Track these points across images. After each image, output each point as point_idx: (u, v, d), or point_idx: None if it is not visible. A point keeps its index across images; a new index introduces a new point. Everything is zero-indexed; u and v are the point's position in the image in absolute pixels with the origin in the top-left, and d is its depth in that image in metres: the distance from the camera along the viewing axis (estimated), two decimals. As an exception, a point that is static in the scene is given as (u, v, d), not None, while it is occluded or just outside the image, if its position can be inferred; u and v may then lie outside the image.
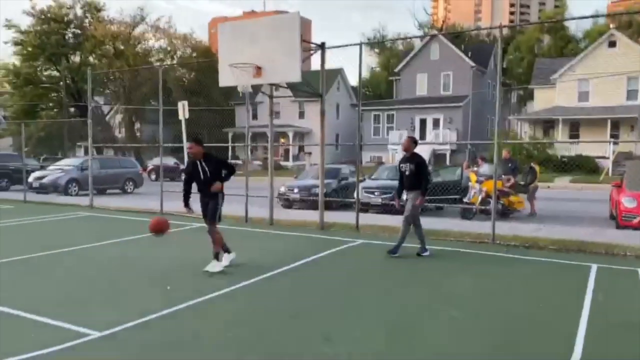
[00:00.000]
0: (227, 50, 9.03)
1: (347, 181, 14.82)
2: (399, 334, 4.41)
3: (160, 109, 12.31)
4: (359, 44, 9.41)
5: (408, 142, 7.67)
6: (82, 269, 6.83)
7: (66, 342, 4.12)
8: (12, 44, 38.84)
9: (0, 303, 5.09)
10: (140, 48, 41.30)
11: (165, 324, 4.62)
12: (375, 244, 8.59)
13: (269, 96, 10.33)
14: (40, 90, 39.48)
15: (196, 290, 5.62)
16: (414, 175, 7.36)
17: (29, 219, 11.59)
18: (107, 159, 23.30)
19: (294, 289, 5.86)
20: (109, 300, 5.36)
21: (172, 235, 9.54)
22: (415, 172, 7.36)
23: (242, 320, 4.71)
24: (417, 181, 7.36)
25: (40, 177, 19.36)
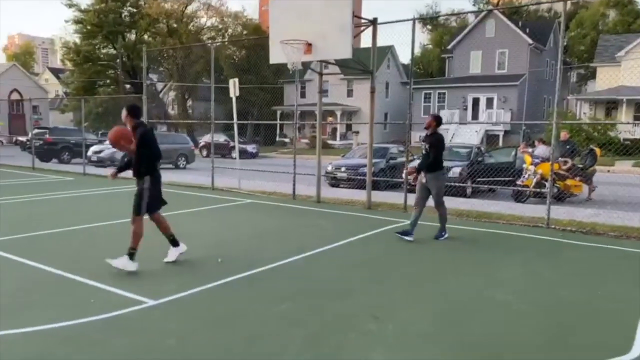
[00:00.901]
0: (277, 27, 8.99)
1: (396, 161, 14.63)
2: (447, 316, 4.33)
3: (212, 87, 12.48)
4: (412, 20, 9.14)
5: (430, 120, 7.15)
6: (137, 239, 7.09)
7: (123, 308, 4.30)
8: (73, 22, 40.36)
9: (65, 269, 5.36)
10: (193, 26, 41.92)
11: (213, 297, 4.74)
12: (424, 225, 8.42)
13: (318, 73, 10.26)
14: (98, 67, 40.96)
15: (245, 264, 5.73)
16: (428, 155, 7.05)
17: (88, 191, 12.15)
18: (161, 135, 23.96)
19: (340, 267, 5.86)
20: (163, 270, 5.55)
21: (224, 210, 9.77)
22: (429, 152, 7.04)
23: (288, 297, 4.76)
24: (432, 162, 7.01)
25: (98, 151, 20.23)
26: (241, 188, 12.41)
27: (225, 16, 41.89)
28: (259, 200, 11.02)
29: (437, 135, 7.11)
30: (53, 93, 62.34)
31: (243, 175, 13.22)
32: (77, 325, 3.95)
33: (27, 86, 53.73)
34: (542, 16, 49.05)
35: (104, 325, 3.99)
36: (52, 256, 5.94)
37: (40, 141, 22.40)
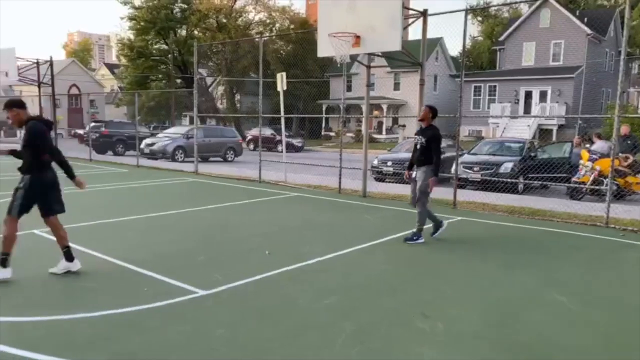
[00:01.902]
0: (326, 20, 8.96)
1: (445, 155, 14.30)
2: (498, 316, 4.20)
3: (260, 81, 12.62)
4: (464, 10, 8.89)
5: (425, 111, 6.68)
6: (187, 230, 7.28)
7: (175, 297, 4.42)
8: (127, 19, 41.78)
9: (119, 258, 5.57)
10: (241, 21, 42.50)
11: (262, 288, 4.79)
12: (474, 221, 8.26)
13: (366, 66, 10.16)
14: (150, 62, 42.26)
15: (292, 257, 5.77)
16: (425, 150, 6.55)
17: (141, 182, 12.58)
18: (211, 129, 24.53)
19: (387, 263, 5.80)
20: (212, 261, 5.66)
21: (271, 203, 9.88)
22: (425, 147, 6.55)
23: (335, 290, 4.75)
24: (426, 157, 6.55)
25: (150, 143, 20.90)
26: (287, 181, 12.52)
27: (273, 11, 42.25)
28: (305, 193, 11.08)
29: (435, 129, 6.64)
30: (109, 88, 64.86)
31: (289, 168, 13.33)
32: (133, 312, 4.09)
33: (85, 81, 56.17)
34: (601, 5, 46.67)
35: (158, 312, 4.11)
36: (108, 245, 6.18)
37: (97, 134, 23.40)
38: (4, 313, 3.97)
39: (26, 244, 6.19)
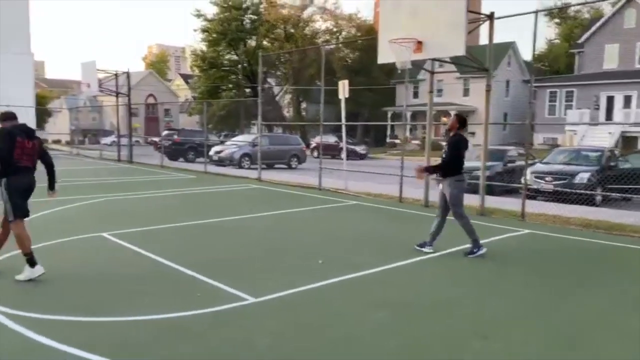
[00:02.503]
0: (387, 26, 8.80)
1: (514, 164, 13.67)
2: (566, 338, 3.85)
3: (322, 89, 12.64)
4: (534, 12, 8.41)
5: (453, 121, 6.37)
6: (245, 236, 7.36)
7: (225, 303, 4.44)
8: (200, 31, 43.66)
9: (177, 262, 5.70)
10: (308, 30, 43.11)
11: (312, 298, 4.71)
12: (543, 235, 7.74)
13: (430, 72, 9.88)
14: (221, 72, 43.86)
15: (346, 267, 5.65)
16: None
17: (207, 188, 12.95)
18: (275, 136, 24.96)
19: (444, 277, 5.54)
20: (265, 268, 5.66)
21: (328, 211, 9.81)
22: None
23: (387, 304, 4.58)
24: (449, 168, 6.20)
25: (219, 151, 21.58)
26: (347, 189, 12.41)
27: (339, 19, 42.52)
28: (364, 202, 10.92)
29: (457, 136, 6.25)
30: (183, 97, 68.02)
31: (350, 176, 13.22)
32: (185, 317, 4.14)
33: (161, 91, 59.32)
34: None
35: (207, 318, 4.13)
36: (168, 249, 6.35)
37: (170, 141, 24.50)
38: (61, 312, 4.15)
39: (92, 245, 6.51)
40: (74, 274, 5.29)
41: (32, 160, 5.13)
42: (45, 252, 6.11)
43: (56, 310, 4.18)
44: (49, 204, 9.40)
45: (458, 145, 6.20)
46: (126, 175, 15.79)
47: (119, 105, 22.04)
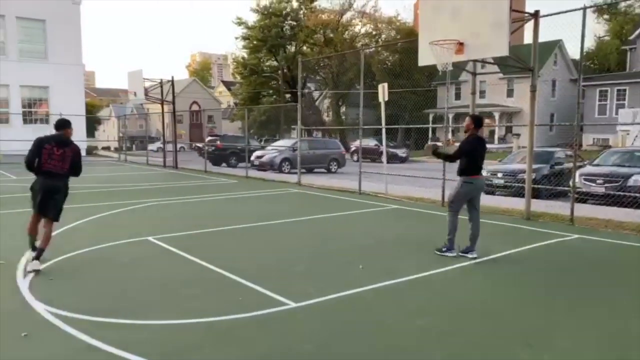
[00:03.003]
0: (427, 28, 8.69)
1: (562, 166, 13.19)
2: (619, 348, 3.67)
3: (361, 92, 12.61)
4: (582, 9, 8.10)
5: (468, 122, 6.35)
6: (286, 240, 7.41)
7: (266, 308, 4.47)
8: (242, 39, 44.48)
9: (220, 267, 5.80)
10: (348, 34, 43.17)
11: (353, 303, 4.68)
12: (594, 240, 7.42)
13: (472, 73, 9.69)
14: (262, 79, 44.53)
15: (386, 273, 5.59)
16: (461, 160, 6.28)
17: (248, 193, 13.14)
18: (315, 141, 25.07)
19: (488, 284, 5.39)
20: (305, 273, 5.67)
21: (367, 216, 9.75)
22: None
23: (428, 311, 4.49)
24: (462, 168, 6.22)
25: (260, 156, 21.84)
26: (388, 193, 12.30)
27: (379, 22, 42.37)
28: (404, 206, 10.79)
29: (470, 137, 6.24)
30: (225, 104, 69.41)
31: (391, 180, 13.10)
32: (227, 321, 4.21)
33: (204, 98, 60.71)
34: None
35: (250, 323, 4.18)
36: (210, 253, 6.47)
37: (213, 147, 25.02)
38: (113, 315, 4.29)
39: (140, 249, 6.71)
40: (123, 278, 5.47)
41: (58, 166, 5.80)
42: (94, 256, 6.36)
43: (106, 313, 4.32)
44: (98, 208, 9.78)
45: (467, 145, 6.21)
46: (171, 181, 16.22)
47: (164, 113, 22.70)
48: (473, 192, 6.31)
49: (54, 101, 27.65)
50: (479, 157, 6.24)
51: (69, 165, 5.86)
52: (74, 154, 5.92)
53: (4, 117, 26.52)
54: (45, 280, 5.29)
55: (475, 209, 6.36)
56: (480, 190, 6.42)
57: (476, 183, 6.29)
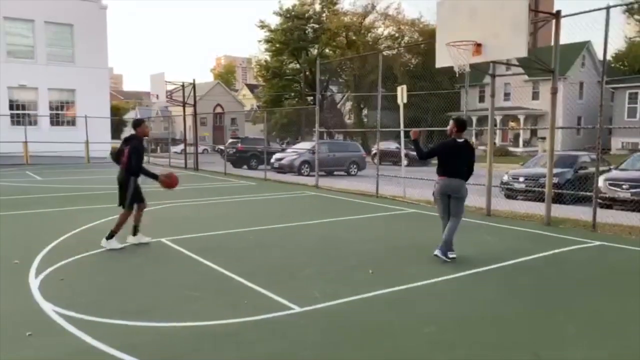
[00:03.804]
0: (445, 29, 8.55)
1: (586, 170, 12.83)
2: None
3: (379, 95, 12.51)
4: (606, 8, 7.84)
5: (451, 125, 6.31)
6: (297, 244, 7.36)
7: (270, 312, 4.42)
8: (264, 42, 44.74)
9: (228, 269, 5.78)
10: (370, 37, 43.00)
11: (359, 309, 4.59)
12: (616, 248, 7.16)
13: (491, 75, 9.49)
14: (284, 81, 44.69)
15: (397, 278, 5.48)
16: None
17: (265, 195, 13.15)
18: (335, 143, 24.99)
19: (502, 290, 5.23)
20: (314, 276, 5.60)
21: (384, 219, 9.63)
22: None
23: (437, 318, 4.37)
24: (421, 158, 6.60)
25: (280, 158, 21.90)
26: (405, 197, 12.14)
27: (402, 24, 42.08)
28: (423, 210, 10.62)
29: (447, 139, 6.31)
30: (249, 106, 69.94)
31: (410, 183, 12.94)
32: (229, 325, 4.17)
33: (228, 101, 61.25)
34: None
35: (252, 327, 4.13)
36: (220, 255, 6.46)
37: (234, 149, 25.19)
38: (118, 317, 4.30)
39: (151, 251, 6.74)
40: (131, 279, 5.50)
41: (124, 162, 6.72)
42: (106, 256, 6.42)
43: (112, 314, 4.34)
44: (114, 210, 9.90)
45: (437, 146, 6.44)
46: (190, 182, 16.36)
47: (186, 115, 22.95)
48: (440, 193, 6.34)
49: (80, 104, 28.28)
50: (447, 159, 6.23)
51: (127, 161, 6.67)
52: (129, 151, 6.65)
53: (33, 119, 27.23)
54: (56, 281, 5.35)
55: (451, 212, 6.30)
56: (447, 193, 6.30)
57: (441, 184, 6.29)
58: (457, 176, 6.23)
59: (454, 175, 6.23)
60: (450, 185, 6.26)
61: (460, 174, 6.24)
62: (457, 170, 6.23)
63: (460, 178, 6.24)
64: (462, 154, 6.23)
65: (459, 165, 6.22)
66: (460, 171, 6.24)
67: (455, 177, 6.24)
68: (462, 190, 6.25)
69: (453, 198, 6.28)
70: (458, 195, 6.27)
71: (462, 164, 6.23)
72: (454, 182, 6.24)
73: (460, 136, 6.29)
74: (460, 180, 6.24)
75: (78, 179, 17.28)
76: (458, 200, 6.28)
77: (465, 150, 6.27)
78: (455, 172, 6.23)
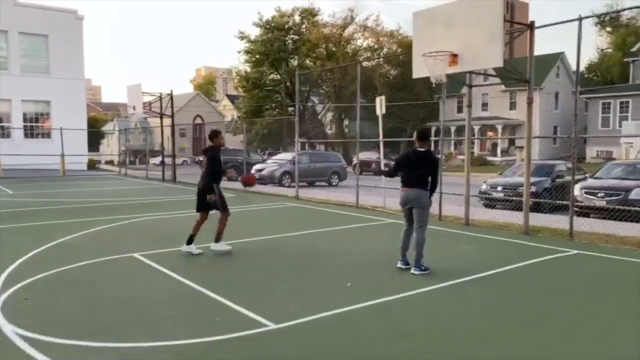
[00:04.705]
0: (421, 39, 8.56)
1: (564, 179, 12.97)
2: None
3: (357, 105, 12.50)
4: (578, 19, 7.95)
5: (415, 135, 6.38)
6: (274, 257, 7.21)
7: (244, 329, 4.27)
8: (244, 52, 44.68)
9: (202, 284, 5.60)
10: (350, 48, 43.27)
11: (336, 325, 4.47)
12: (593, 256, 7.18)
13: (467, 85, 9.54)
14: (265, 92, 44.62)
15: (376, 290, 5.38)
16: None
17: (243, 207, 12.95)
18: (316, 154, 24.93)
19: (481, 302, 5.16)
20: (290, 291, 5.47)
21: (363, 230, 9.54)
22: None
23: (415, 332, 4.28)
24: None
25: (260, 169, 21.72)
26: (386, 207, 12.09)
27: (380, 36, 42.48)
28: (402, 220, 10.50)
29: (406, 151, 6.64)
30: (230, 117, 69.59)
31: (390, 193, 12.88)
32: (201, 344, 4.01)
33: (208, 112, 60.81)
34: None
35: (224, 346, 3.98)
36: (194, 270, 6.30)
37: (213, 161, 24.88)
38: (80, 337, 4.10)
39: (123, 266, 6.52)
40: (100, 297, 5.28)
41: (204, 171, 7.38)
42: (75, 273, 6.18)
43: (74, 335, 4.14)
44: (86, 224, 9.64)
45: (398, 159, 6.68)
46: (167, 195, 16.08)
47: (164, 127, 22.65)
48: (400, 204, 6.39)
49: (56, 115, 27.77)
50: (407, 169, 6.26)
51: (206, 170, 7.24)
52: (208, 160, 7.24)
53: (6, 131, 26.61)
54: (20, 300, 5.11)
55: (413, 222, 6.28)
56: (407, 203, 6.29)
57: (402, 195, 6.32)
58: (417, 186, 6.18)
59: (414, 186, 6.19)
60: (408, 196, 6.25)
61: (420, 184, 6.17)
62: (417, 181, 6.18)
63: (420, 188, 6.17)
64: (422, 164, 6.17)
65: (418, 175, 6.17)
66: (421, 181, 6.17)
67: (414, 187, 6.19)
68: (422, 200, 6.17)
69: (414, 208, 6.23)
70: (418, 205, 6.21)
71: (423, 174, 6.16)
72: (413, 193, 6.20)
73: (422, 146, 6.26)
74: (419, 190, 6.17)
75: (52, 192, 16.85)
76: (419, 210, 6.21)
77: (426, 160, 6.20)
78: (415, 182, 6.19)
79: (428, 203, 6.26)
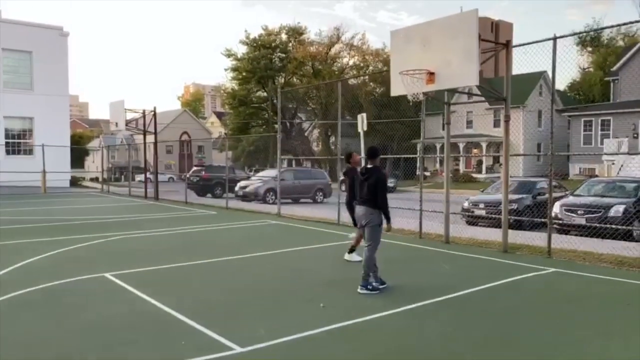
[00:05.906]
0: (398, 58, 8.60)
1: (544, 197, 13.01)
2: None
3: (339, 123, 12.52)
4: (552, 39, 8.05)
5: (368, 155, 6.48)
6: (249, 275, 7.08)
7: (208, 354, 4.13)
8: (231, 70, 44.80)
9: (170, 306, 5.45)
10: (336, 66, 43.60)
11: (305, 348, 4.35)
12: (570, 274, 7.15)
13: (445, 103, 9.58)
14: (251, 109, 44.66)
15: (351, 310, 5.28)
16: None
17: (223, 225, 12.80)
18: (300, 171, 24.88)
19: (455, 322, 5.07)
20: (262, 312, 5.34)
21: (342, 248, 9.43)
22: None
23: (388, 355, 4.17)
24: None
25: (244, 186, 21.57)
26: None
27: (366, 54, 42.89)
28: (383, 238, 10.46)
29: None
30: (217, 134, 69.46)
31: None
32: (161, 369, 3.87)
33: (195, 129, 60.71)
34: None
35: (186, 371, 3.84)
36: (165, 291, 6.13)
37: (197, 178, 24.75)
38: (37, 363, 3.93)
39: (92, 287, 6.34)
40: (63, 321, 5.10)
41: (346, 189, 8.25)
42: (40, 295, 5.99)
43: (30, 360, 3.97)
44: (60, 243, 9.42)
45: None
46: (147, 213, 15.86)
47: (149, 143, 22.47)
48: (354, 221, 6.52)
49: (39, 132, 27.42)
50: (358, 187, 6.39)
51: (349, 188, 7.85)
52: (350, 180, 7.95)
53: (-13, 148, 26.21)
54: (-23, 323, 4.91)
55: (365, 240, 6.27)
56: (358, 220, 6.38)
57: (355, 212, 6.48)
58: (366, 204, 6.12)
59: (363, 203, 6.18)
60: (359, 214, 6.26)
61: (369, 202, 6.10)
62: (366, 198, 6.13)
63: (369, 206, 6.09)
64: (368, 182, 6.12)
65: (366, 192, 6.14)
66: (370, 199, 6.10)
67: (364, 205, 6.16)
68: (370, 218, 6.08)
69: (365, 227, 6.17)
70: (367, 224, 6.13)
71: (370, 191, 6.09)
72: (362, 210, 6.19)
73: (373, 163, 6.25)
74: (366, 208, 6.11)
75: (32, 209, 16.53)
76: (369, 229, 6.14)
77: (371, 178, 6.11)
78: (364, 200, 6.17)
79: (378, 222, 6.12)
